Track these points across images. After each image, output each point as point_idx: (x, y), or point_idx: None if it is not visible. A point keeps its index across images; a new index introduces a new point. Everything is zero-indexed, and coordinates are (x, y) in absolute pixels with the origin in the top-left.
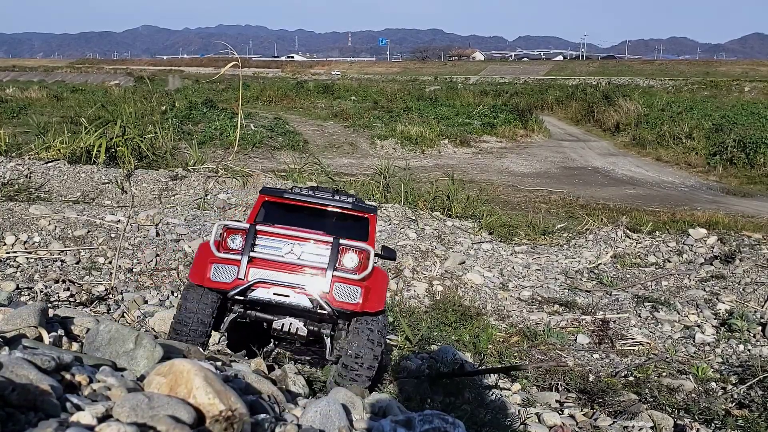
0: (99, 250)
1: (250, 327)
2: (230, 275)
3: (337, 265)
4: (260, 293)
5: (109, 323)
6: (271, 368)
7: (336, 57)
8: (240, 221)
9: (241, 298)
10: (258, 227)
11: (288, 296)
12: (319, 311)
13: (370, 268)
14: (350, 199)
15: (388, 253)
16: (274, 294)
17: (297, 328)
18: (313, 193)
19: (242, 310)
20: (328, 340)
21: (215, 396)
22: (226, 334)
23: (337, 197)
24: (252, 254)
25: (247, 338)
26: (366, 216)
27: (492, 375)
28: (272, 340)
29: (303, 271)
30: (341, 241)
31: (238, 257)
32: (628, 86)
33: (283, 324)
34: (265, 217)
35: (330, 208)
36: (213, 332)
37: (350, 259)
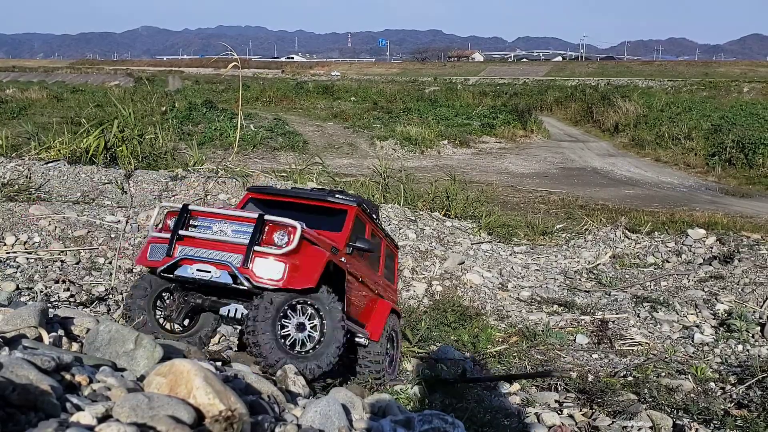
0: (99, 250)
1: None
2: (162, 253)
3: (262, 242)
4: (184, 270)
5: (109, 323)
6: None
7: (336, 58)
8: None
9: (170, 275)
10: (190, 207)
11: (210, 272)
12: (240, 287)
13: (294, 244)
14: (329, 193)
15: (362, 245)
16: (197, 270)
17: (242, 313)
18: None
19: (199, 300)
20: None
21: (215, 396)
22: (183, 322)
23: (315, 190)
24: (184, 233)
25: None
26: (344, 208)
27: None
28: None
29: (228, 249)
30: (266, 217)
31: (169, 236)
32: (627, 87)
33: (228, 310)
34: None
35: (311, 202)
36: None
37: (280, 237)
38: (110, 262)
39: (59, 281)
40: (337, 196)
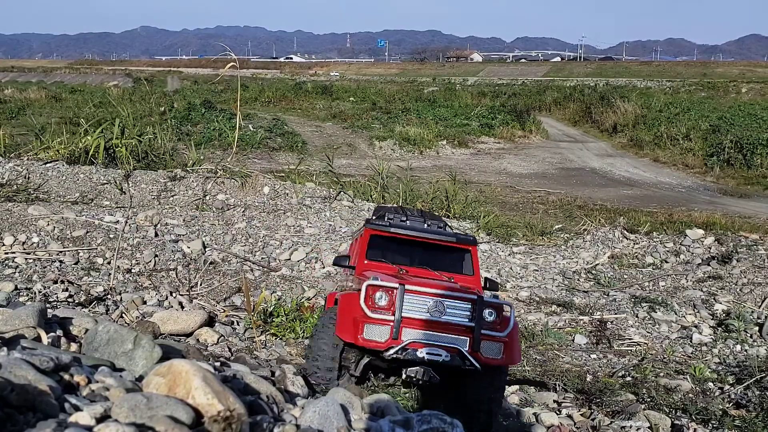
0: (98, 250)
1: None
2: (384, 335)
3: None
4: (414, 353)
5: (108, 324)
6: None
7: (334, 58)
8: (347, 255)
9: (396, 356)
10: (407, 287)
11: (440, 356)
12: (467, 368)
13: (511, 325)
14: (443, 226)
15: (491, 286)
16: (428, 353)
17: (431, 376)
18: (406, 219)
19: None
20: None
21: (214, 396)
22: (361, 376)
23: (431, 223)
24: (405, 315)
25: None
26: (468, 248)
27: None
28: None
29: (450, 330)
30: (484, 299)
31: (391, 318)
32: (626, 87)
33: (417, 371)
34: (374, 251)
35: (436, 242)
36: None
37: (489, 313)
38: (109, 263)
39: (58, 281)
40: (460, 236)
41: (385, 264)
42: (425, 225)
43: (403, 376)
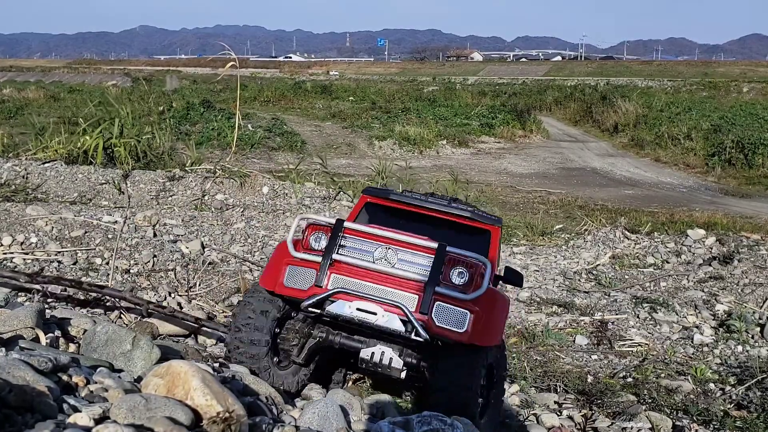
0: (96, 251)
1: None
2: (307, 281)
3: (441, 280)
4: (340, 307)
5: (106, 324)
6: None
7: (334, 57)
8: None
9: (317, 311)
10: (346, 224)
11: (375, 314)
12: (412, 337)
13: (484, 287)
14: (467, 207)
15: (511, 277)
16: (357, 309)
17: (390, 359)
18: (411, 194)
19: (323, 334)
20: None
21: (213, 397)
22: (307, 364)
23: (452, 204)
24: (336, 257)
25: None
26: (487, 228)
27: None
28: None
29: (397, 284)
30: (449, 248)
31: (319, 259)
32: (627, 87)
33: (372, 353)
34: (367, 221)
35: (443, 216)
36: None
37: (459, 274)
38: (107, 263)
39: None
40: (477, 212)
41: None
42: (443, 202)
43: (359, 361)
